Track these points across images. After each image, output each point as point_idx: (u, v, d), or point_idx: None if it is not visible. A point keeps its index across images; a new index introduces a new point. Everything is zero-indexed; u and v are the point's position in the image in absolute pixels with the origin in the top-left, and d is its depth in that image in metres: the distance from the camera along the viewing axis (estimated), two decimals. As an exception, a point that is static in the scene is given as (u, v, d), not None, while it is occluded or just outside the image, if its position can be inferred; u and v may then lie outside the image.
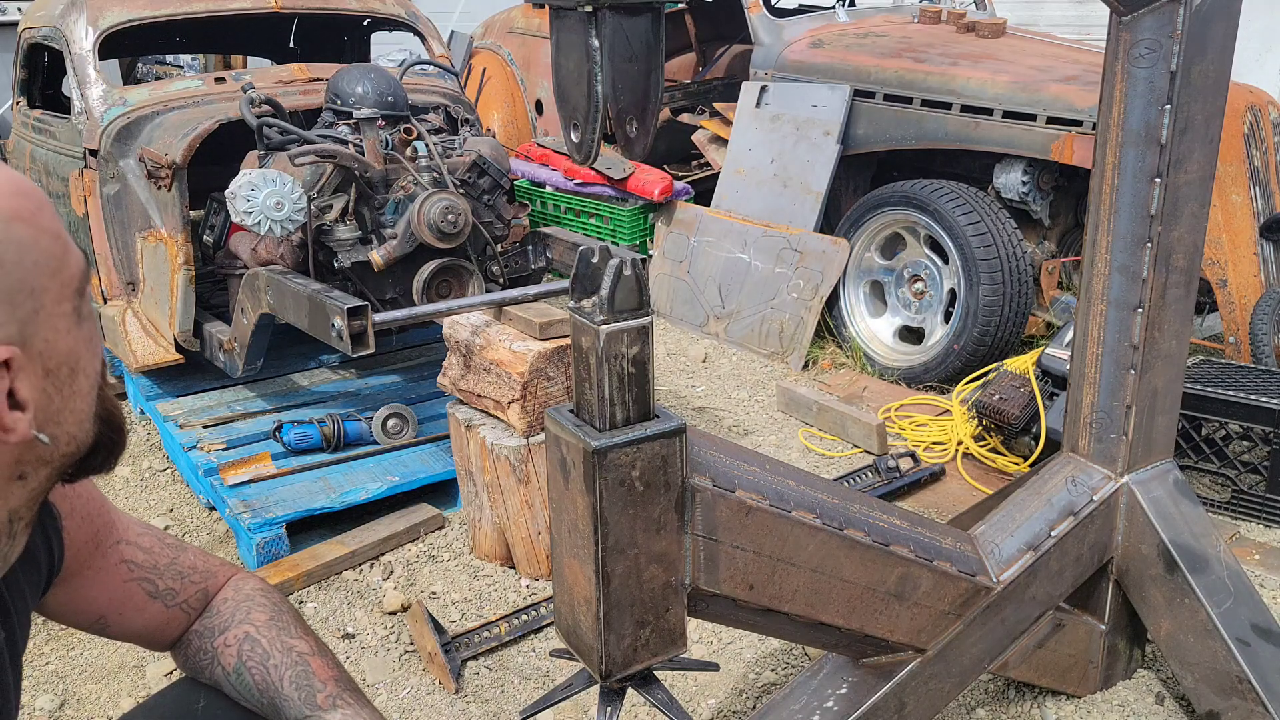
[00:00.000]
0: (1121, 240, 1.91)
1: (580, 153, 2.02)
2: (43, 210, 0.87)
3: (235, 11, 3.88)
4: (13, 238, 0.83)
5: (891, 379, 4.05)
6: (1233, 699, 1.95)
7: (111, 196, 3.49)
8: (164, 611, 1.24)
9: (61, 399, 0.89)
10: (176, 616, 1.26)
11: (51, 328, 0.87)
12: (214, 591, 1.30)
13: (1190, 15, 1.73)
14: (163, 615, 1.24)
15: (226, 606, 1.28)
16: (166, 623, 1.25)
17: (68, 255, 0.89)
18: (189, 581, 1.27)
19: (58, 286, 0.87)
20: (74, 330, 0.89)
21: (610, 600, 1.37)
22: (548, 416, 1.41)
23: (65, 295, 0.88)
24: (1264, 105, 3.86)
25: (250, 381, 3.58)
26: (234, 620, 1.26)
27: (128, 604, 1.21)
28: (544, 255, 3.45)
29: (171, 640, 1.28)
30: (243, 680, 1.23)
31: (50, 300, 0.86)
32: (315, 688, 1.21)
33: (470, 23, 7.38)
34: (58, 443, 0.90)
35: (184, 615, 1.26)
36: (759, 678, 2.34)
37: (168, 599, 1.24)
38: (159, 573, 1.24)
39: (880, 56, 4.48)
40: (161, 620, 1.25)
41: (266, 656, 1.23)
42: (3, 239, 0.82)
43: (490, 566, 2.78)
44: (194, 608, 1.27)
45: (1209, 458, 2.98)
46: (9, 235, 0.83)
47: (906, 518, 1.76)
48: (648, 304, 1.32)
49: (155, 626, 1.25)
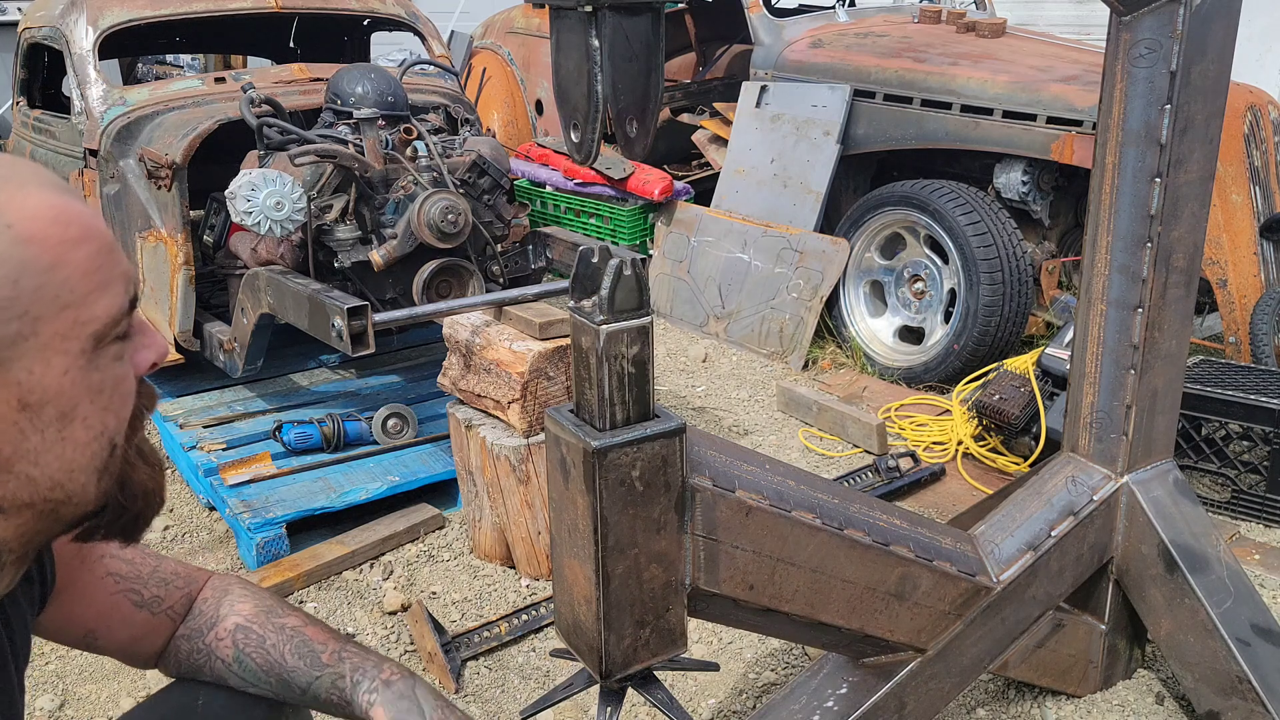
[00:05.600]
0: (1121, 240, 1.91)
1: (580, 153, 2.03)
2: (80, 246, 0.83)
3: (235, 11, 3.88)
4: (16, 256, 0.80)
5: (891, 379, 4.05)
6: (1233, 699, 1.95)
7: (111, 196, 3.49)
8: (150, 620, 1.24)
9: (42, 440, 0.85)
10: (162, 624, 1.26)
11: (42, 361, 0.82)
12: (195, 595, 1.30)
13: (1190, 15, 1.73)
14: (149, 624, 1.25)
15: (209, 605, 1.29)
16: (151, 631, 1.25)
17: (96, 298, 0.85)
18: (173, 588, 1.27)
19: (66, 323, 0.83)
20: (75, 374, 0.85)
21: (610, 600, 1.37)
22: (548, 416, 1.41)
23: (75, 335, 0.84)
24: (1264, 105, 3.86)
25: (250, 381, 3.58)
26: (220, 615, 1.27)
27: (115, 615, 1.22)
28: (544, 255, 3.45)
29: (157, 650, 1.27)
30: (245, 667, 1.24)
31: (50, 333, 0.82)
32: (317, 650, 1.23)
33: (470, 23, 7.38)
34: (36, 485, 0.86)
35: (169, 622, 1.26)
36: (759, 678, 2.34)
37: (153, 607, 1.24)
38: (143, 582, 1.24)
39: (880, 56, 4.48)
40: (147, 629, 1.25)
41: (262, 639, 1.24)
42: (5, 254, 0.80)
43: (490, 566, 2.78)
44: (178, 613, 1.27)
45: (1209, 458, 2.98)
46: (13, 253, 0.80)
47: (906, 518, 1.76)
48: (648, 304, 1.32)
49: (141, 636, 1.25)
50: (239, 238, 3.27)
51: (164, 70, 7.93)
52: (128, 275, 0.89)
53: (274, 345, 3.44)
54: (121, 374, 0.90)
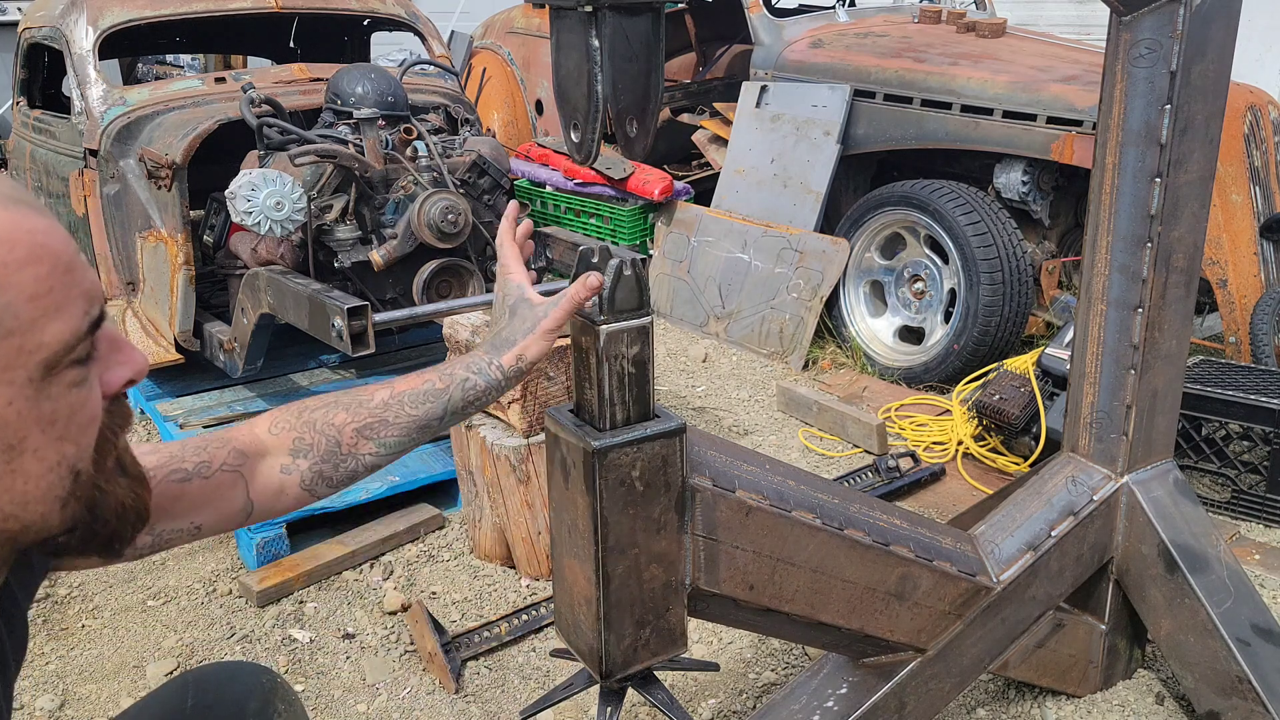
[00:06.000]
0: (1121, 240, 1.91)
1: (580, 153, 2.03)
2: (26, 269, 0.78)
3: (235, 11, 3.89)
4: None
5: (891, 379, 4.05)
6: (1233, 699, 1.95)
7: (111, 196, 3.49)
8: (206, 484, 1.19)
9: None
10: (223, 480, 1.20)
11: None
12: (241, 440, 1.24)
13: (1190, 15, 1.73)
14: (207, 488, 1.19)
15: (309, 428, 1.25)
16: (216, 491, 1.20)
17: (45, 323, 0.79)
18: (211, 449, 1.21)
19: (9, 352, 0.78)
20: (21, 404, 0.79)
21: (610, 600, 1.37)
22: (548, 416, 1.41)
23: (20, 364, 0.78)
24: (1264, 105, 3.85)
25: (250, 381, 3.58)
26: (325, 431, 1.25)
27: (165, 499, 1.15)
28: (544, 255, 3.45)
29: (241, 505, 1.22)
30: (388, 445, 1.26)
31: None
32: (427, 389, 1.27)
33: (470, 23, 7.38)
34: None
35: (230, 475, 1.21)
36: (759, 678, 2.34)
37: (203, 472, 1.19)
38: (179, 459, 1.19)
39: (880, 56, 4.48)
40: (209, 492, 1.19)
41: (384, 422, 1.26)
42: None
43: (490, 566, 2.78)
44: (234, 464, 1.21)
45: (1209, 458, 2.98)
46: None
47: (906, 518, 1.76)
48: (648, 304, 1.33)
49: (208, 500, 1.19)
50: (239, 238, 3.27)
51: (164, 70, 7.93)
52: (89, 294, 0.82)
53: (274, 345, 3.44)
54: (79, 400, 0.83)
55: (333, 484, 1.26)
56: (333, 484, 1.26)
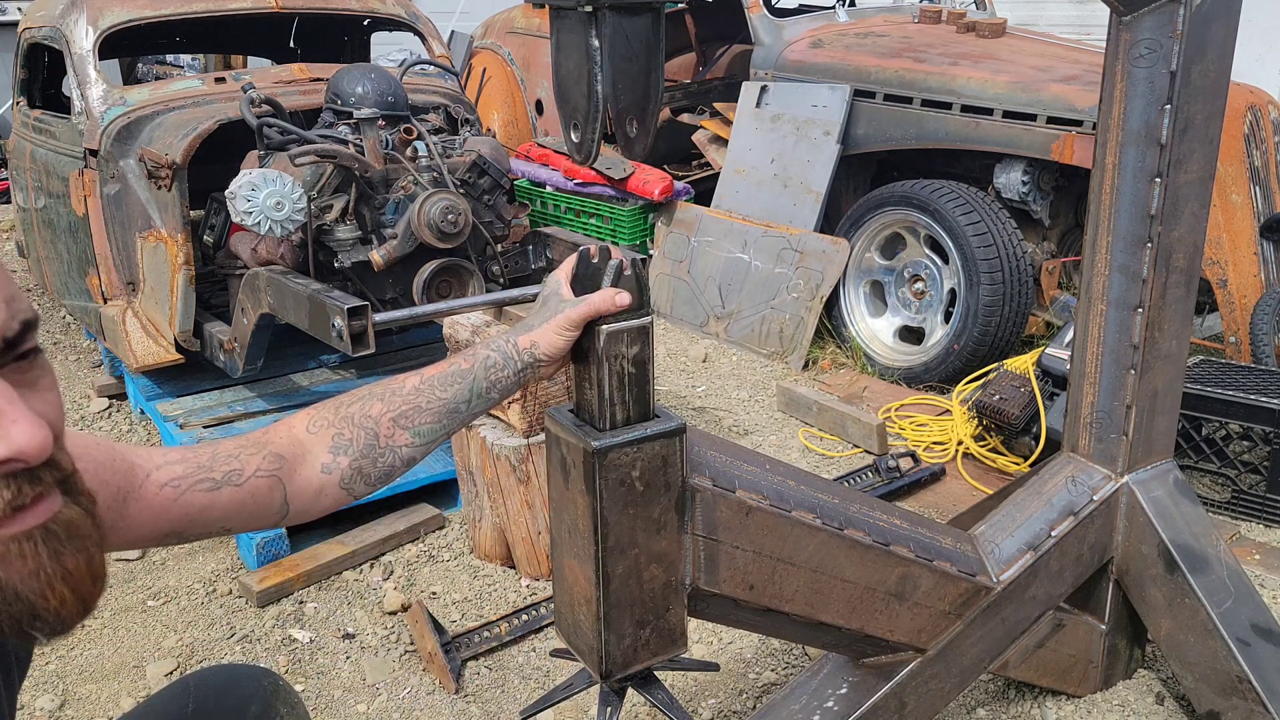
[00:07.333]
0: (1121, 240, 1.91)
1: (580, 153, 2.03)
2: None
3: (235, 11, 3.88)
4: None
5: (891, 379, 4.05)
6: (1233, 699, 1.95)
7: (112, 196, 3.49)
8: (237, 492, 1.16)
9: None
10: (258, 486, 1.17)
11: None
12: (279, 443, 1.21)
13: (1190, 15, 1.73)
14: (239, 495, 1.16)
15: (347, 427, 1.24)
16: (250, 498, 1.17)
17: None
18: (244, 456, 1.18)
19: None
20: None
21: (610, 600, 1.37)
22: (548, 416, 1.41)
23: None
24: (1264, 105, 3.85)
25: (250, 381, 3.58)
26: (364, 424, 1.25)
27: (193, 509, 1.13)
28: (544, 255, 3.45)
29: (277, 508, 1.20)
30: (422, 434, 1.27)
31: None
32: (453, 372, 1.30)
33: (470, 23, 7.38)
34: None
35: (267, 480, 1.18)
36: (759, 678, 2.34)
37: (234, 480, 1.16)
38: (208, 469, 1.15)
39: (880, 56, 4.48)
40: (242, 499, 1.16)
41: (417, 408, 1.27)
42: None
43: (490, 566, 2.78)
44: (270, 469, 1.18)
45: (1209, 458, 2.98)
46: None
47: (906, 518, 1.76)
48: (648, 304, 1.33)
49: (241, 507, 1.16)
50: (239, 238, 3.27)
51: (164, 70, 7.93)
52: None
53: (274, 345, 3.44)
54: None
55: (370, 481, 1.26)
56: (370, 481, 1.26)
